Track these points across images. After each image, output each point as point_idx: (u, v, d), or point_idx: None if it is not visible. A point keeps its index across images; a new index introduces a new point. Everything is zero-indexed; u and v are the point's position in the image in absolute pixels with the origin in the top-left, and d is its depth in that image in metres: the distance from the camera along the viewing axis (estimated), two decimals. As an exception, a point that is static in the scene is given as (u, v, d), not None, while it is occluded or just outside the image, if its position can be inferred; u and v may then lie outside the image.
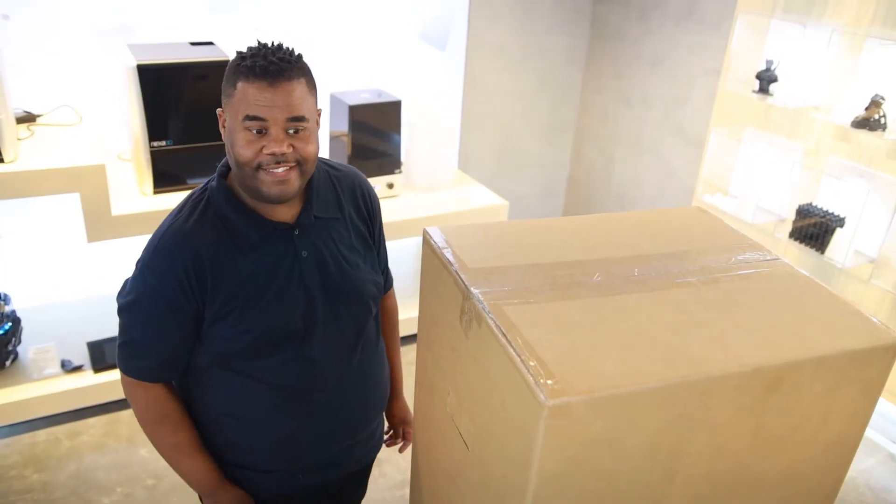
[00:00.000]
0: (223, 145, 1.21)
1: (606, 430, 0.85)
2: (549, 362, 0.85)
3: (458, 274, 1.04)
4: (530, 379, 0.83)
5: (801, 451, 1.02)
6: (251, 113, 1.13)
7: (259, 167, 1.15)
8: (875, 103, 2.47)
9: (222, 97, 1.18)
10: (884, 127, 2.46)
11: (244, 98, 1.13)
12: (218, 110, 1.21)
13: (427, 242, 1.15)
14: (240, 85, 1.13)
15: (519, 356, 0.86)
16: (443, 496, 1.21)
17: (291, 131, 1.16)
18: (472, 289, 1.00)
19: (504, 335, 0.90)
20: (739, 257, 1.15)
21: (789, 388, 0.93)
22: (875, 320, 1.01)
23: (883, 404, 2.70)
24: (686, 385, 0.86)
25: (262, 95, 1.12)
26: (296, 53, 1.17)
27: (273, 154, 1.14)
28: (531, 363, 0.84)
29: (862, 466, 2.63)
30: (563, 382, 0.82)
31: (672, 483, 0.95)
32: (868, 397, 1.02)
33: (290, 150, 1.16)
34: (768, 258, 1.17)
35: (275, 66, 1.12)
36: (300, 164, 1.18)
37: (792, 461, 1.03)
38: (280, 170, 1.16)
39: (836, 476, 1.10)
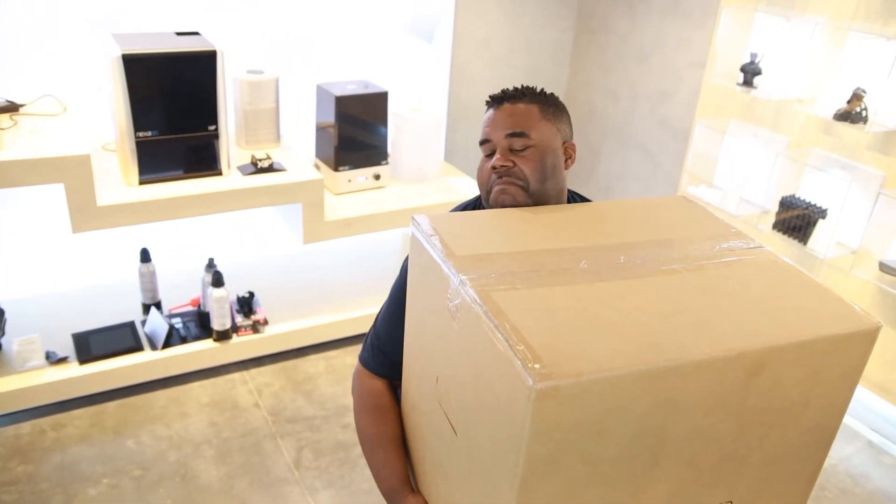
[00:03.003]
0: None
1: (593, 414, 0.86)
2: (537, 347, 0.86)
3: (445, 261, 1.04)
4: (518, 363, 0.83)
5: (783, 435, 1.04)
6: (481, 138, 1.24)
7: (490, 189, 1.23)
8: (857, 96, 2.50)
9: None
10: (865, 120, 2.50)
11: (482, 128, 1.24)
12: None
13: (415, 230, 1.15)
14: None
15: (507, 341, 0.87)
16: (431, 483, 1.22)
17: (516, 149, 1.21)
18: (459, 275, 1.00)
19: (492, 321, 0.90)
20: (724, 245, 1.17)
21: (771, 372, 0.95)
22: (856, 307, 1.03)
23: (863, 393, 2.74)
24: (671, 369, 0.88)
25: (488, 119, 1.24)
26: (538, 90, 1.25)
27: (495, 168, 1.21)
28: (519, 347, 0.85)
29: (842, 454, 2.67)
30: (551, 366, 0.83)
31: (657, 468, 0.96)
32: (847, 382, 1.04)
33: (511, 164, 1.20)
34: (752, 246, 1.18)
35: (503, 95, 1.23)
36: (525, 184, 1.21)
37: (774, 446, 1.05)
38: (502, 182, 1.21)
39: (816, 460, 1.12)
